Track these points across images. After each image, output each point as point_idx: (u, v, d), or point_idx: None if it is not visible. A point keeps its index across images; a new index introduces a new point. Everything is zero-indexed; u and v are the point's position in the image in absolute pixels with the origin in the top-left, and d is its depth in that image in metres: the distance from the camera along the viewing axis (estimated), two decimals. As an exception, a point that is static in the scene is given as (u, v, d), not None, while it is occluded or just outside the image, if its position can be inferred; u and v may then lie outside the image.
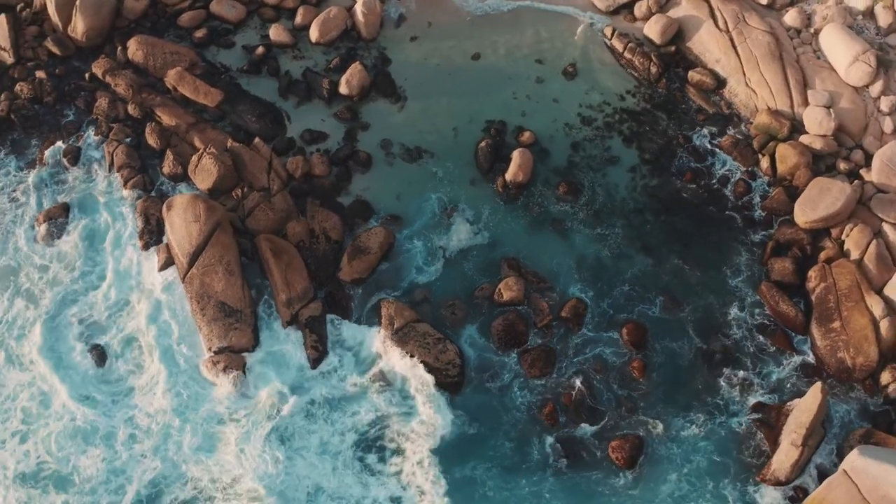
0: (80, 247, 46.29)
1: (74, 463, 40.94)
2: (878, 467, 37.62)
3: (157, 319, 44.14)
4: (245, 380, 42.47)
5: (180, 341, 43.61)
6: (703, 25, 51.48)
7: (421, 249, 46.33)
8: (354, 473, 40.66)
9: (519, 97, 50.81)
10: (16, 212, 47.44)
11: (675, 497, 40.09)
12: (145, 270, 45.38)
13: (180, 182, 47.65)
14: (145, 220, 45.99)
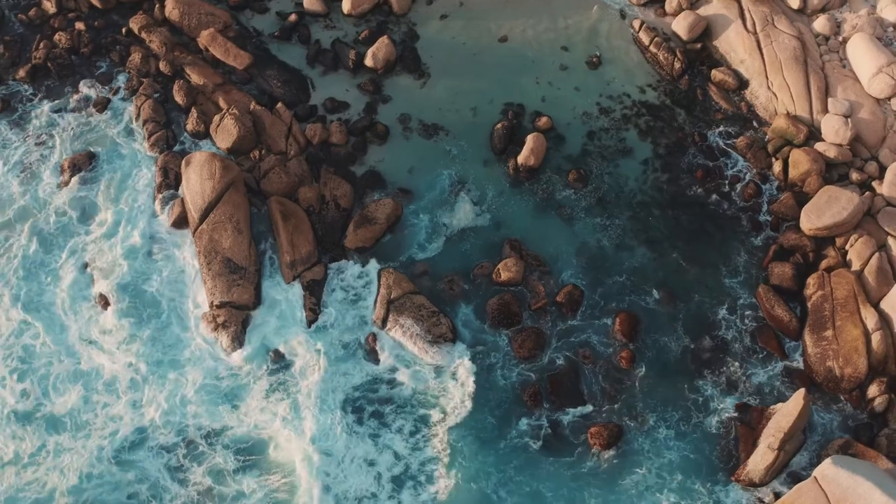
0: (99, 194, 47.51)
1: (70, 405, 42.19)
2: (849, 478, 37.40)
3: (166, 270, 45.22)
4: (242, 335, 43.50)
5: (186, 294, 44.72)
6: (731, 25, 51.02)
7: (427, 224, 46.83)
8: (340, 430, 41.24)
9: (541, 83, 50.86)
10: (42, 154, 48.86)
11: (639, 487, 40.17)
12: (159, 222, 46.38)
13: (202, 140, 48.74)
14: (164, 174, 47.15)
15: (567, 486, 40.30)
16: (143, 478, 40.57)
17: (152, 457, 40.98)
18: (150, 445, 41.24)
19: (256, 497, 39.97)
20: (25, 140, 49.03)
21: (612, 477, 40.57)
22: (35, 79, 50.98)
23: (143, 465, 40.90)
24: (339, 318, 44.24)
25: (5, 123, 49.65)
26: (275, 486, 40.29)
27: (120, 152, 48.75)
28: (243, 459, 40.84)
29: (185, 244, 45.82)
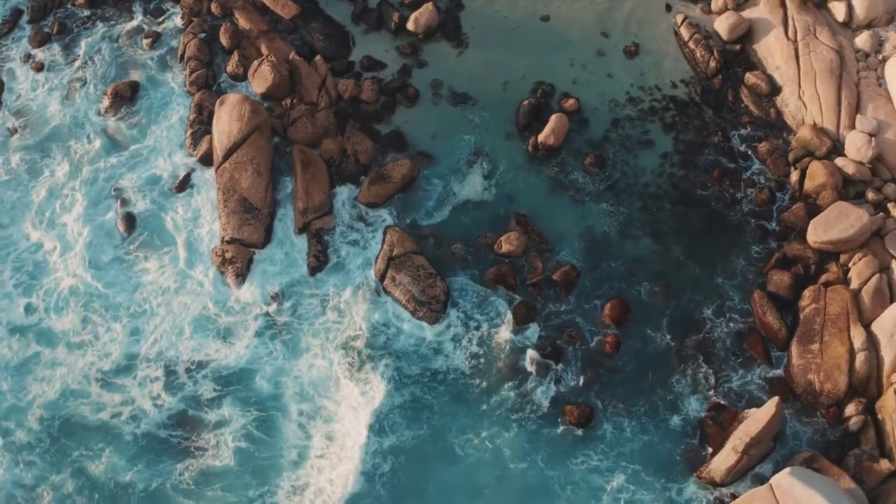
0: (136, 124, 49.11)
1: (71, 323, 44.01)
2: (803, 491, 37.04)
3: (187, 203, 46.76)
4: (247, 273, 44.73)
5: (201, 227, 46.12)
6: (772, 31, 49.83)
7: (440, 189, 47.28)
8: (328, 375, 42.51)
9: (575, 65, 50.51)
10: (88, 79, 50.49)
11: (590, 466, 40.43)
12: (188, 157, 47.79)
13: (240, 82, 49.86)
14: (198, 111, 48.44)
15: (525, 448, 40.83)
16: (126, 401, 42.03)
17: (138, 383, 42.42)
18: (139, 372, 42.74)
19: (235, 426, 41.24)
20: (73, 63, 50.68)
21: (570, 451, 40.92)
22: (93, 4, 52.47)
23: (129, 389, 42.43)
24: (342, 268, 45.11)
25: (58, 45, 51.35)
26: (255, 418, 41.44)
27: (161, 86, 50.22)
28: (226, 391, 42.24)
29: (207, 180, 47.05)
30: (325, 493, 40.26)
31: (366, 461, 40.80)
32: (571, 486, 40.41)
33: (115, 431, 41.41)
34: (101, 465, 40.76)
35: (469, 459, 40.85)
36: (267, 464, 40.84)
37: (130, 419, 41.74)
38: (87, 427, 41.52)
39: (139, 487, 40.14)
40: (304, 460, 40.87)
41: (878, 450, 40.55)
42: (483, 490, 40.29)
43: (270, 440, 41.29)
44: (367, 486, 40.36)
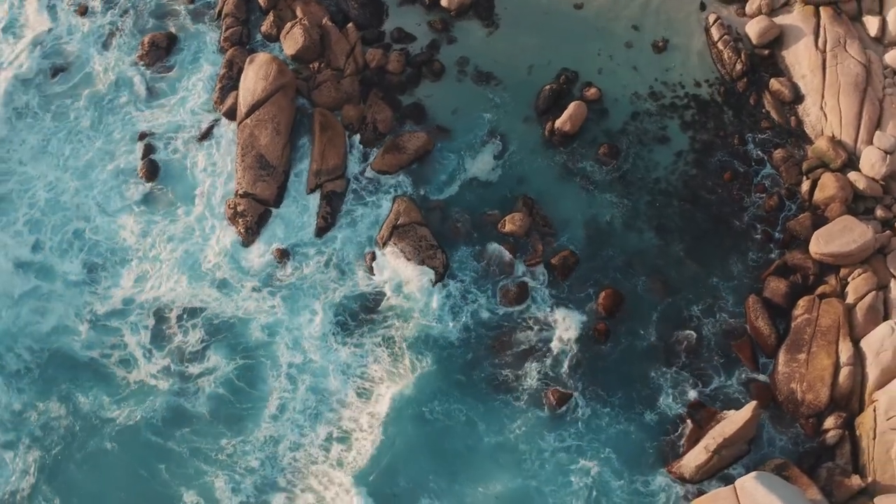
0: (169, 75, 50.08)
1: (76, 264, 45.18)
2: (765, 496, 36.70)
3: (208, 154, 47.67)
4: (255, 227, 45.33)
5: (218, 179, 46.94)
6: (802, 39, 48.77)
7: (453, 165, 47.44)
8: (322, 333, 43.20)
9: (602, 55, 50.05)
10: (125, 28, 51.43)
11: (567, 449, 40.62)
12: (214, 110, 48.61)
13: (272, 43, 50.40)
14: (229, 66, 49.16)
15: (499, 422, 41.26)
16: (117, 345, 43.23)
17: (132, 328, 43.51)
18: (134, 317, 43.77)
19: (218, 373, 42.30)
20: (114, 9, 51.58)
21: (545, 430, 41.21)
22: (137, -47, 54.06)
23: (121, 333, 43.51)
24: (347, 232, 45.59)
25: (99, -9, 52.95)
26: (241, 366, 42.45)
27: (196, 39, 51.07)
28: (216, 338, 43.20)
29: (229, 135, 47.80)
30: (299, 447, 40.90)
31: (345, 422, 41.48)
32: (540, 462, 40.73)
33: (103, 370, 42.61)
34: (87, 399, 41.98)
35: (439, 425, 41.28)
36: (246, 413, 41.63)
37: (120, 362, 42.74)
38: (77, 363, 42.69)
39: (118, 422, 41.23)
40: (283, 413, 41.55)
41: (852, 465, 39.96)
42: (451, 455, 40.72)
43: (252, 391, 42.07)
44: (339, 444, 40.99)
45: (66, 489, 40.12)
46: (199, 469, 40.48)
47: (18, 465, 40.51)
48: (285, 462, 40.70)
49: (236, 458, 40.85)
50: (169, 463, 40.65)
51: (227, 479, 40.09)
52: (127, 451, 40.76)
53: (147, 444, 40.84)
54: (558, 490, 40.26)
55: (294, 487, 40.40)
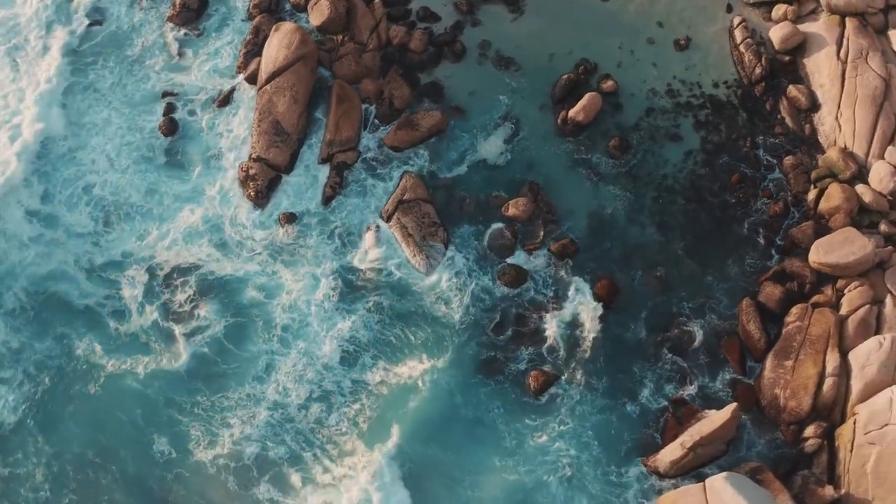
0: (197, 38, 50.67)
1: (81, 216, 45.99)
2: (733, 497, 36.60)
3: (227, 117, 48.23)
4: (265, 192, 45.81)
5: (234, 142, 47.50)
6: (825, 48, 47.92)
7: (465, 145, 47.38)
8: (319, 299, 43.69)
9: (624, 49, 49.59)
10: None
11: (546, 431, 40.79)
12: (235, 73, 49.22)
13: (300, 13, 50.64)
14: (255, 33, 49.61)
15: (481, 398, 41.58)
16: (112, 296, 44.06)
17: (129, 281, 44.29)
18: (132, 270, 44.53)
19: (212, 330, 43.07)
20: (144, -30, 52.83)
21: (526, 411, 41.42)
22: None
23: (118, 285, 44.32)
24: (354, 203, 45.91)
25: (135, -51, 53.62)
26: (233, 324, 43.18)
27: (227, 5, 51.62)
28: (213, 298, 43.79)
29: (248, 100, 48.29)
30: (280, 407, 41.58)
31: (327, 384, 42.00)
32: (517, 441, 40.95)
33: (97, 318, 43.43)
34: (80, 343, 42.91)
35: (420, 395, 41.62)
36: (232, 371, 42.39)
37: (113, 313, 43.55)
38: (73, 309, 43.64)
39: (105, 370, 42.27)
40: (270, 374, 42.21)
41: (828, 476, 39.58)
42: (428, 425, 41.13)
43: (241, 350, 42.76)
44: (321, 406, 41.56)
45: (49, 426, 41.18)
46: (174, 418, 41.29)
47: (10, 399, 41.60)
48: (262, 419, 41.27)
49: (213, 413, 41.55)
50: (146, 411, 41.55)
51: (203, 430, 41.00)
52: (109, 397, 41.74)
53: (130, 391, 41.76)
54: (534, 469, 40.39)
55: (268, 442, 41.00)
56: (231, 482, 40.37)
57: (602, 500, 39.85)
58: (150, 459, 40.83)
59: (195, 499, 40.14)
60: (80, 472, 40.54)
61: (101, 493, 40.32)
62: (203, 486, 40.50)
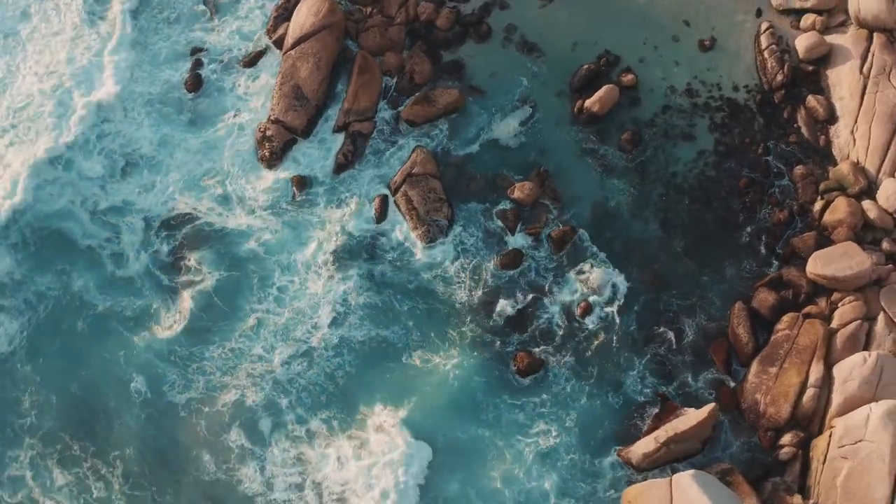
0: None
1: (94, 161, 46.80)
2: (698, 495, 36.43)
3: (251, 78, 48.78)
4: (279, 154, 46.27)
5: (255, 102, 47.98)
6: (849, 61, 46.84)
7: (479, 125, 47.32)
8: (318, 262, 44.24)
9: (648, 44, 48.95)
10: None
11: (526, 411, 40.97)
12: (264, 35, 49.70)
13: (334, -18, 51.21)
14: (287, 0, 50.59)
15: (466, 374, 41.81)
16: (111, 240, 44.97)
17: (129, 228, 45.12)
18: (134, 217, 45.38)
19: (207, 282, 43.80)
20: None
21: (508, 390, 41.63)
22: None
23: (119, 230, 45.18)
24: (364, 172, 46.21)
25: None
26: (229, 278, 43.97)
27: (260, -30, 52.72)
28: (211, 250, 44.56)
29: (273, 63, 48.80)
30: (264, 360, 42.22)
31: (313, 345, 42.52)
32: (496, 417, 41.22)
33: (96, 259, 44.50)
34: (77, 281, 44.08)
35: (408, 360, 42.18)
36: (216, 328, 43.20)
37: (111, 255, 44.50)
38: (75, 248, 44.73)
39: (98, 309, 43.39)
40: (259, 329, 42.86)
41: (798, 485, 39.16)
42: (408, 388, 41.69)
43: (233, 304, 43.50)
44: (303, 360, 42.20)
45: (39, 356, 42.59)
46: (153, 362, 42.32)
47: (9, 326, 42.89)
48: (243, 370, 42.02)
49: (191, 362, 42.45)
50: (129, 352, 42.61)
51: (179, 375, 41.95)
52: (96, 335, 43.02)
53: (116, 332, 42.89)
54: (511, 446, 40.58)
55: (245, 391, 41.76)
56: (202, 426, 41.26)
57: (572, 485, 39.87)
58: (128, 398, 41.93)
59: (165, 439, 41.09)
60: (63, 403, 41.86)
61: (80, 424, 41.57)
62: (174, 428, 41.36)
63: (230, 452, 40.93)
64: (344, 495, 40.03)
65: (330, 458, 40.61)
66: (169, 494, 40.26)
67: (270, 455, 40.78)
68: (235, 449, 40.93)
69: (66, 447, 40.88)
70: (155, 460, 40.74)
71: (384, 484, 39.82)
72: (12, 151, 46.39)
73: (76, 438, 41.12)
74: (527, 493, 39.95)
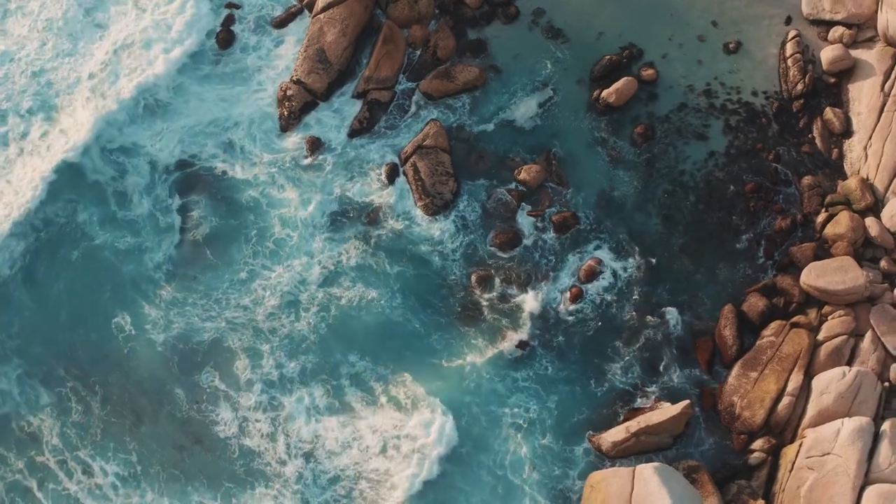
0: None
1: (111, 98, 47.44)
2: (658, 488, 36.33)
3: (280, 39, 49.13)
4: (297, 114, 46.48)
5: (280, 63, 48.28)
6: (871, 77, 45.62)
7: (496, 105, 47.03)
8: (319, 221, 44.70)
9: (673, 41, 48.10)
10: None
11: (507, 384, 41.12)
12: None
13: (371, -49, 51.08)
14: (323, -37, 50.46)
15: (452, 343, 42.09)
16: (117, 178, 45.66)
17: (138, 170, 45.75)
18: (141, 160, 45.98)
19: (204, 228, 44.54)
20: None
21: (492, 363, 41.64)
22: None
23: (126, 170, 45.80)
24: (377, 141, 46.30)
25: None
26: (227, 226, 44.52)
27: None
28: (212, 198, 45.21)
29: (303, 26, 48.90)
30: (245, 309, 42.78)
31: (301, 300, 42.96)
32: (476, 384, 41.29)
33: (101, 194, 45.25)
34: (83, 213, 44.85)
35: (397, 322, 42.48)
36: (210, 269, 43.93)
37: (115, 193, 45.24)
38: (84, 181, 45.42)
39: (94, 241, 44.21)
40: (250, 281, 43.40)
41: (763, 491, 38.81)
42: (392, 348, 42.05)
43: (226, 253, 44.05)
44: (289, 310, 42.70)
45: (35, 281, 43.60)
46: (137, 301, 43.16)
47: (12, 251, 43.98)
48: (229, 313, 42.67)
49: (176, 305, 43.15)
50: (120, 289, 43.54)
51: (161, 315, 42.75)
52: (88, 267, 43.89)
53: (107, 266, 43.71)
54: (491, 411, 40.73)
55: (224, 334, 42.47)
56: (174, 363, 42.08)
57: (543, 463, 39.89)
58: (109, 331, 42.76)
59: (143, 373, 41.94)
60: (51, 328, 42.88)
61: (65, 350, 42.57)
62: (153, 364, 42.11)
63: (202, 392, 41.67)
64: (314, 448, 40.56)
65: (303, 407, 41.21)
66: (145, 425, 41.13)
67: (244, 399, 41.38)
68: (208, 389, 41.64)
69: (51, 370, 42.00)
70: (133, 391, 41.66)
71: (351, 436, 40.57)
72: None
73: (60, 362, 42.18)
74: (500, 460, 40.13)
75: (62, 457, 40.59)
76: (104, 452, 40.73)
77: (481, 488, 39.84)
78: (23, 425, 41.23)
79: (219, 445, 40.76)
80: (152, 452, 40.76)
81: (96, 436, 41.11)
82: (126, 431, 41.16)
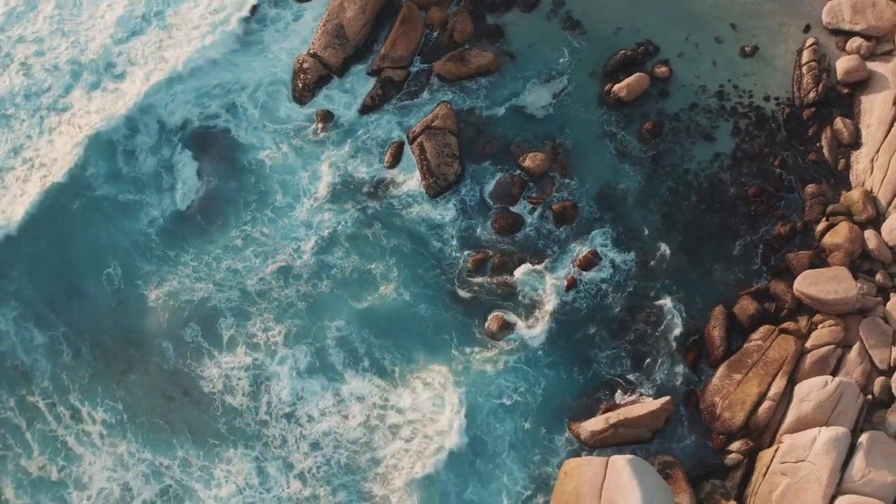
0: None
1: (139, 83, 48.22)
2: (630, 479, 36.29)
3: (300, 12, 49.58)
4: (312, 87, 46.80)
5: (299, 36, 48.70)
6: (884, 90, 44.85)
7: (508, 91, 46.94)
8: (320, 192, 44.96)
9: (690, 41, 47.61)
10: None
11: (495, 364, 41.02)
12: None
13: (398, -70, 51.00)
14: (350, -60, 50.44)
15: (444, 320, 42.22)
16: (129, 136, 46.32)
17: (149, 129, 46.47)
18: (151, 118, 46.78)
19: (205, 189, 45.15)
20: None
21: (481, 345, 41.67)
22: None
23: (137, 129, 46.44)
24: (387, 119, 46.39)
25: None
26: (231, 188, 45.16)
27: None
28: (222, 161, 45.75)
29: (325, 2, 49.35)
30: (237, 272, 43.28)
31: (294, 265, 43.38)
32: (465, 365, 41.26)
33: (111, 151, 45.92)
34: (93, 168, 45.56)
35: (389, 296, 42.66)
36: (207, 231, 44.47)
37: (123, 151, 45.86)
38: (99, 136, 46.14)
39: (97, 194, 45.10)
40: (244, 248, 43.82)
41: (736, 492, 38.56)
42: (382, 323, 42.21)
43: (224, 216, 44.54)
44: (280, 276, 43.08)
45: (37, 231, 44.32)
46: (131, 254, 43.83)
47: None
48: (219, 276, 43.19)
49: (168, 264, 43.74)
50: (114, 242, 44.24)
51: (153, 271, 43.41)
52: (87, 217, 44.77)
53: (106, 220, 44.51)
54: (477, 391, 40.72)
55: (218, 293, 42.96)
56: (163, 318, 42.62)
57: (522, 448, 39.88)
58: (100, 282, 43.54)
59: (132, 324, 42.57)
60: (46, 274, 43.76)
61: (58, 296, 43.43)
62: (142, 316, 42.71)
63: (187, 348, 42.20)
64: (294, 409, 40.99)
65: (286, 368, 41.59)
66: (133, 374, 41.86)
67: (230, 358, 41.90)
68: (192, 344, 42.18)
69: (45, 313, 42.82)
70: (121, 341, 42.39)
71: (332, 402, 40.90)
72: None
73: (53, 308, 43.03)
74: (482, 438, 40.15)
75: (51, 399, 41.40)
76: (92, 398, 41.43)
77: (460, 463, 39.85)
78: (17, 363, 42.12)
79: (204, 399, 41.35)
80: (139, 401, 41.39)
81: (84, 380, 41.89)
82: (114, 379, 41.84)
